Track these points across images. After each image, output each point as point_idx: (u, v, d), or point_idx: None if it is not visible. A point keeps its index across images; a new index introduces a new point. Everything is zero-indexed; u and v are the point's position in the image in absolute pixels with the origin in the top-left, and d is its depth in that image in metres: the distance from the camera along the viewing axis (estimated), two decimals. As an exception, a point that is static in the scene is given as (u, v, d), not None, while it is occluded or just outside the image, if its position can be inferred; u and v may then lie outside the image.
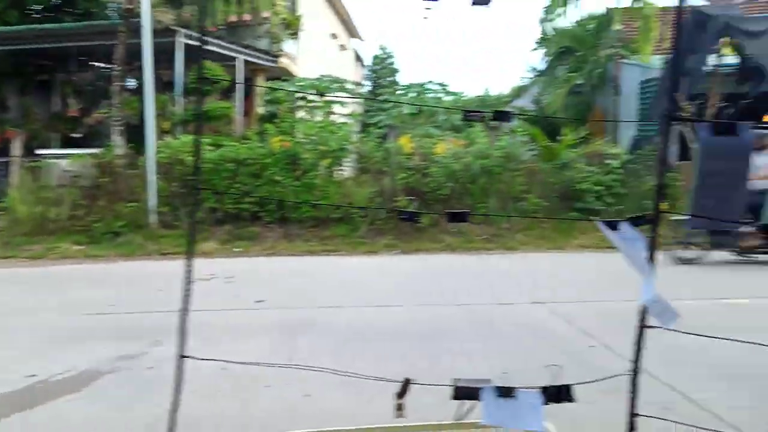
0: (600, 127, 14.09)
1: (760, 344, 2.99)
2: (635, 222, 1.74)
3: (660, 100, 11.71)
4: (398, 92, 13.73)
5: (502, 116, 2.10)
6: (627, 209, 10.69)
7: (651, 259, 1.75)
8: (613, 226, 1.75)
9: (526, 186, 10.70)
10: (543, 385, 1.77)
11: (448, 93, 15.25)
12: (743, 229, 7.40)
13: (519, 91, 17.90)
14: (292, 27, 15.79)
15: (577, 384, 1.79)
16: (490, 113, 2.08)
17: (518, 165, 10.78)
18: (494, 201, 10.48)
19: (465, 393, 1.74)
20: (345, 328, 5.00)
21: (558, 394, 1.75)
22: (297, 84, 13.89)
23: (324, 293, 6.47)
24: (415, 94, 14.94)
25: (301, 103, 13.36)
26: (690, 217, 1.73)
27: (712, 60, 11.01)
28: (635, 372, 1.89)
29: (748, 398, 3.44)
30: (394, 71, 31.77)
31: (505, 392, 1.71)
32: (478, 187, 10.55)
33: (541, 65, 17.59)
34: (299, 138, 10.96)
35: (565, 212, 10.47)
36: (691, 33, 11.13)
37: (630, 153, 11.28)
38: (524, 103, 17.90)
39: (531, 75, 17.79)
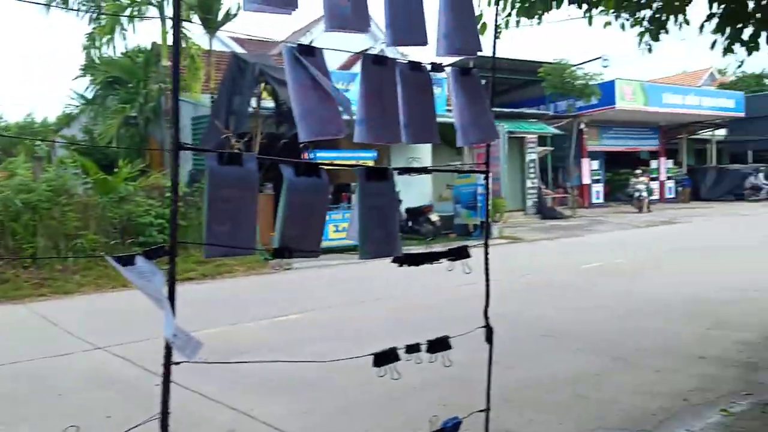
0: (158, 160, 14.17)
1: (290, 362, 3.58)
2: (151, 255, 1.73)
3: (210, 135, 12.50)
4: None
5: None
6: (189, 240, 11.04)
7: (171, 291, 1.75)
8: (128, 261, 1.71)
9: (81, 222, 9.90)
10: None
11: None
12: None
13: (67, 120, 16.49)
14: None
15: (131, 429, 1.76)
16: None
17: (70, 199, 9.90)
18: (44, 240, 9.35)
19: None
20: None
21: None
22: None
23: None
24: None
25: None
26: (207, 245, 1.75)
27: (253, 102, 12.39)
28: (164, 414, 1.80)
29: (299, 406, 3.98)
30: None
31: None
32: (21, 225, 9.24)
33: (90, 93, 16.63)
34: None
35: (128, 248, 10.12)
36: (234, 77, 12.32)
37: (188, 186, 11.69)
38: (74, 132, 16.57)
39: (78, 103, 16.60)
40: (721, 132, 31.01)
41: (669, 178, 27.85)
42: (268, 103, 13.17)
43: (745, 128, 29.93)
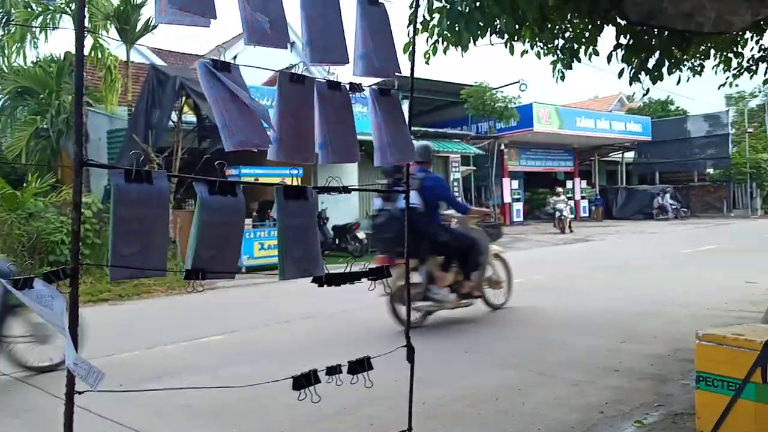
0: (71, 175, 13.44)
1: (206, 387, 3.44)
2: (53, 277, 1.63)
3: (127, 150, 12.02)
4: None
5: None
6: (104, 259, 10.52)
7: (73, 317, 1.63)
8: (26, 284, 1.58)
9: (-16, 239, 9.24)
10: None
11: None
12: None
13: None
14: None
15: None
16: None
17: (-28, 215, 9.23)
18: (-61, 260, 8.63)
19: None
20: None
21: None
22: None
23: None
24: None
25: None
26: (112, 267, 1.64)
27: (174, 117, 12.03)
28: None
29: (221, 430, 3.87)
30: None
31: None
32: None
33: (-4, 103, 15.63)
34: None
35: (37, 267, 9.52)
36: (153, 90, 11.93)
37: (104, 202, 11.16)
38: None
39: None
40: (630, 154, 33.07)
41: (583, 197, 29.31)
42: (190, 117, 12.83)
43: (652, 151, 32.08)
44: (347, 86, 2.14)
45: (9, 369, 5.18)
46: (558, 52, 5.40)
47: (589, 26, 5.04)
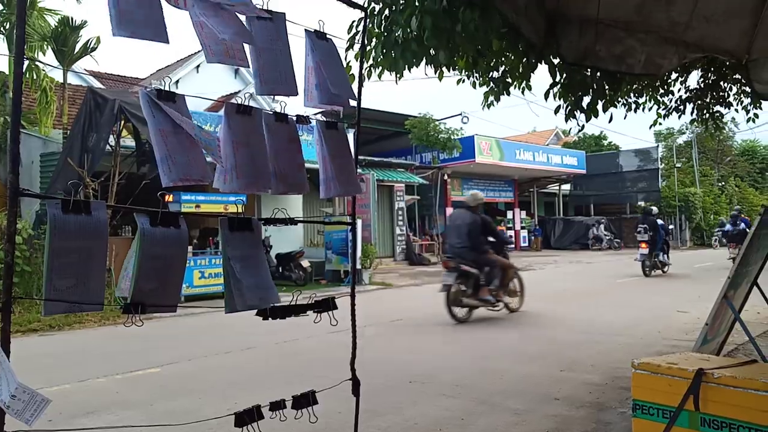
0: (0, 200, 12.78)
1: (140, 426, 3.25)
2: None
3: (61, 174, 11.58)
4: None
5: None
6: (34, 288, 10.02)
7: (5, 350, 1.55)
8: None
9: None
10: None
11: None
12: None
13: None
14: None
15: None
16: None
17: None
18: None
19: None
20: None
21: None
22: None
23: None
24: None
25: None
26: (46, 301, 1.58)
27: (112, 140, 11.67)
28: None
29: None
30: None
31: None
32: None
33: None
34: None
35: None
36: (90, 112, 11.57)
37: (34, 228, 10.66)
38: None
39: None
40: (567, 186, 34.30)
41: (523, 227, 30.10)
42: (129, 141, 12.50)
43: (587, 184, 33.38)
44: (294, 118, 2.14)
45: None
46: (491, 83, 5.60)
47: (524, 62, 5.24)
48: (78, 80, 17.33)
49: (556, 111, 5.81)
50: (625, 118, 6.58)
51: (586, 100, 5.70)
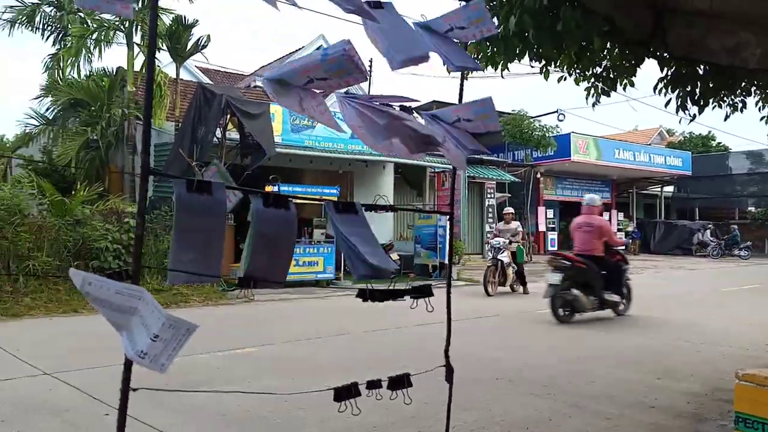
0: (117, 185, 13.92)
1: (251, 393, 3.50)
2: (113, 279, 1.66)
3: (173, 163, 12.39)
4: None
5: None
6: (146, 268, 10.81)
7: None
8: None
9: (34, 243, 9.60)
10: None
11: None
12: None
13: (27, 139, 16.13)
14: None
15: None
16: None
17: (24, 219, 9.61)
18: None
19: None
20: None
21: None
22: None
23: None
24: None
25: None
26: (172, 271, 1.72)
27: (219, 133, 12.39)
28: None
29: None
30: None
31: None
32: (-31, 244, 8.92)
33: (50, 114, 16.32)
34: None
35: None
36: (199, 107, 12.31)
37: (148, 212, 11.50)
38: (32, 152, 16.19)
39: (37, 122, 16.26)
40: (670, 188, 32.44)
41: (620, 229, 28.83)
42: (234, 134, 13.18)
43: (692, 186, 31.40)
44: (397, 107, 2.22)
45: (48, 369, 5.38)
46: (595, 80, 5.43)
47: (629, 57, 5.05)
48: (189, 76, 18.46)
49: (667, 104, 5.56)
50: (726, 119, 6.14)
51: (697, 93, 5.42)
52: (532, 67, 5.17)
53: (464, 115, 2.28)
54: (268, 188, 11.68)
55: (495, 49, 4.53)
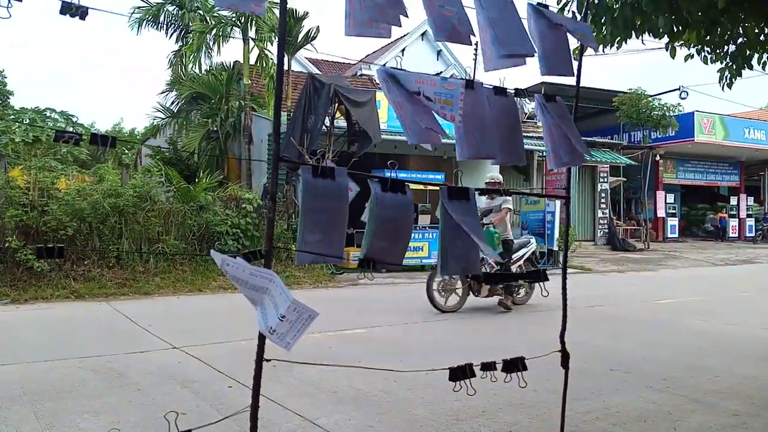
0: (235, 173, 14.76)
1: (372, 369, 3.62)
2: (249, 257, 1.82)
3: (284, 151, 12.94)
4: (10, 117, 11.90)
5: (104, 140, 2.00)
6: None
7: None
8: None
9: (163, 227, 10.46)
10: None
11: (70, 122, 13.91)
12: None
13: (155, 131, 17.54)
14: None
15: (206, 425, 1.80)
16: (85, 137, 1.93)
17: (153, 205, 10.48)
18: (128, 242, 9.93)
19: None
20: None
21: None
22: None
23: None
24: (28, 121, 13.16)
25: None
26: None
27: (327, 122, 12.75)
28: (254, 406, 1.91)
29: (363, 418, 4.02)
30: (6, 93, 27.20)
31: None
32: (108, 227, 9.86)
33: (175, 107, 17.61)
34: None
35: (204, 255, 10.61)
36: (309, 97, 12.73)
37: (263, 198, 12.12)
38: (159, 142, 17.56)
39: (163, 115, 17.62)
40: (810, 170, 29.25)
41: (749, 215, 26.48)
42: (341, 122, 13.52)
43: (838, 168, 28.13)
44: (512, 92, 2.20)
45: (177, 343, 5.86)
46: (727, 58, 4.98)
47: (766, 30, 4.60)
48: (299, 67, 19.12)
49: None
50: None
51: None
52: (643, 44, 4.83)
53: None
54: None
55: (604, 23, 4.30)
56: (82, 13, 1.75)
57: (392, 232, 1.95)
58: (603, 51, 4.81)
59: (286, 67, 15.68)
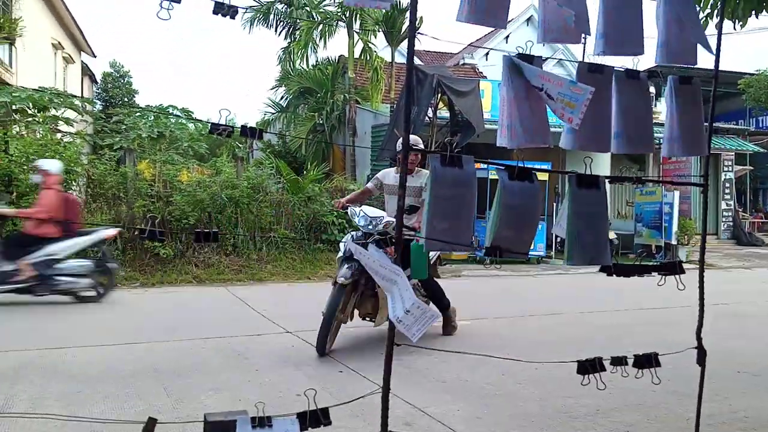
0: (339, 165, 15.14)
1: (485, 355, 3.57)
2: (380, 244, 1.87)
3: (389, 142, 13.07)
4: (136, 114, 13.02)
5: (252, 132, 2.11)
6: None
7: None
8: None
9: (274, 217, 10.94)
10: (298, 411, 1.73)
11: (190, 119, 14.81)
12: None
13: (265, 125, 18.39)
14: (5, 31, 13.77)
15: (331, 407, 1.79)
16: (238, 128, 2.06)
17: (266, 196, 10.98)
18: (242, 232, 10.49)
19: (218, 427, 1.59)
20: (76, 370, 4.53)
21: (314, 418, 1.74)
22: (11, 94, 12.09)
23: (45, 333, 5.76)
24: (152, 118, 14.18)
25: (16, 116, 11.66)
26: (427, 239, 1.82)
27: (430, 112, 12.75)
28: (386, 391, 1.95)
29: (471, 409, 4.00)
30: (132, 91, 29.58)
31: (261, 422, 1.64)
32: (225, 217, 10.46)
33: (283, 102, 18.32)
34: (14, 156, 9.58)
35: (312, 244, 11.00)
36: (413, 88, 12.77)
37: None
38: (269, 137, 18.37)
39: (273, 110, 18.40)
40: None
41: None
42: (444, 113, 13.46)
43: None
44: (645, 75, 2.09)
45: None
46: None
47: None
48: (402, 59, 19.22)
49: None
50: None
51: None
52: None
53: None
54: (477, 165, 11.80)
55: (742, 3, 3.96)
56: (233, 12, 1.86)
57: (519, 221, 1.91)
58: (734, 28, 4.45)
59: (389, 60, 15.85)
